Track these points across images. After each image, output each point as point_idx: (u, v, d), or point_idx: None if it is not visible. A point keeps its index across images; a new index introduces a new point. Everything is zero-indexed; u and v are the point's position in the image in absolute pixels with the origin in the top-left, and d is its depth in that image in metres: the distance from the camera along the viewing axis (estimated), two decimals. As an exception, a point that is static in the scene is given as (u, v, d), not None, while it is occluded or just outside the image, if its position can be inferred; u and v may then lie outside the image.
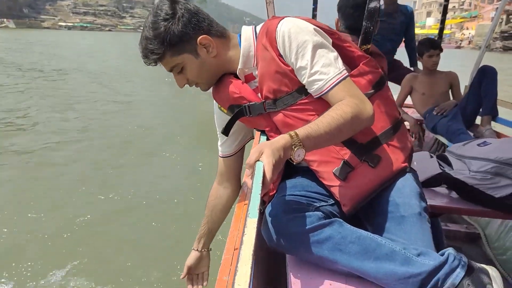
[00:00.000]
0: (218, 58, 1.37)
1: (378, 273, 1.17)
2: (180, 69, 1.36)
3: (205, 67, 1.36)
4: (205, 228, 1.73)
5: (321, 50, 1.25)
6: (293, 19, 1.29)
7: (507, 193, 1.77)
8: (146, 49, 1.30)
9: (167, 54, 1.31)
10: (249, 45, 1.37)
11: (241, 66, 1.38)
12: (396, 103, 3.67)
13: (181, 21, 1.28)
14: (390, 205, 1.33)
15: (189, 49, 1.32)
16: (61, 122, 6.97)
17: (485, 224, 2.99)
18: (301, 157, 1.08)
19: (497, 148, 1.88)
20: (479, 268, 1.18)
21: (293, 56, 1.26)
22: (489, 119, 3.24)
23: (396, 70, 4.10)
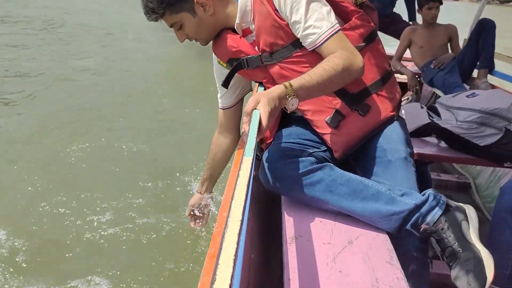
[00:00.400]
0: (215, 15, 1.44)
1: (364, 211, 1.30)
2: (179, 26, 1.45)
3: (203, 25, 1.44)
4: (208, 173, 1.89)
5: (315, 5, 1.32)
6: None
7: (491, 141, 1.88)
8: (147, 7, 1.38)
9: (167, 13, 1.39)
10: (246, 0, 1.43)
11: (239, 20, 1.44)
12: (395, 56, 3.73)
13: None
14: (378, 150, 1.44)
15: (187, 7, 1.40)
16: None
17: (476, 174, 3.11)
18: (294, 106, 1.18)
19: (483, 99, 1.97)
20: (457, 207, 1.30)
21: (288, 11, 1.32)
22: (485, 72, 3.28)
23: (395, 24, 4.11)
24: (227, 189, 1.18)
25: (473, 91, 2.13)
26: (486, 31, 3.24)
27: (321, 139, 1.49)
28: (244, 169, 0.85)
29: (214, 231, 1.03)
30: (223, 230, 0.62)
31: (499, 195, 1.59)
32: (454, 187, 3.04)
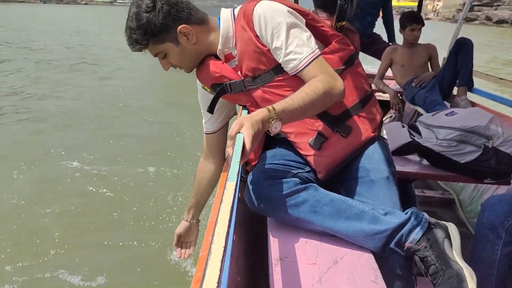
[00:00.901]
0: (198, 44, 1.46)
1: (348, 231, 1.31)
2: (163, 55, 1.46)
3: (186, 54, 1.47)
4: (194, 200, 1.86)
5: (295, 31, 1.35)
6: (268, 2, 1.38)
7: (471, 158, 1.92)
8: (131, 38, 1.39)
9: (150, 43, 1.41)
10: (227, 26, 1.46)
11: (221, 46, 1.47)
12: (377, 75, 3.81)
13: (161, 12, 1.37)
14: (360, 170, 1.47)
15: (170, 38, 1.42)
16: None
17: (459, 190, 3.16)
18: (278, 129, 1.20)
19: (462, 117, 2.02)
20: (439, 224, 1.33)
21: (269, 37, 1.35)
22: (465, 90, 3.36)
23: (376, 44, 4.21)
24: (212, 212, 1.19)
25: (452, 109, 2.19)
26: (464, 50, 3.33)
27: (304, 160, 1.51)
28: (227, 194, 0.87)
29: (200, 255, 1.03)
30: (207, 256, 0.63)
31: (480, 211, 1.62)
32: (439, 203, 3.08)
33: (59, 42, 14.14)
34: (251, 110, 1.54)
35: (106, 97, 7.22)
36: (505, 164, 1.93)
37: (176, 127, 5.72)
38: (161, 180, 3.96)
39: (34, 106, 6.46)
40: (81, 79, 9.00)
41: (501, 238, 1.53)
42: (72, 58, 11.64)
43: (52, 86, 7.93)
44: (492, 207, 1.57)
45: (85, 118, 5.92)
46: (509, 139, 1.95)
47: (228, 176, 0.98)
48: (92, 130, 5.42)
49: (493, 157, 1.93)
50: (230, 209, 0.79)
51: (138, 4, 1.37)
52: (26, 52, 11.82)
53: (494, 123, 2.00)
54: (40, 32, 15.57)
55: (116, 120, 5.97)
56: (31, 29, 16.36)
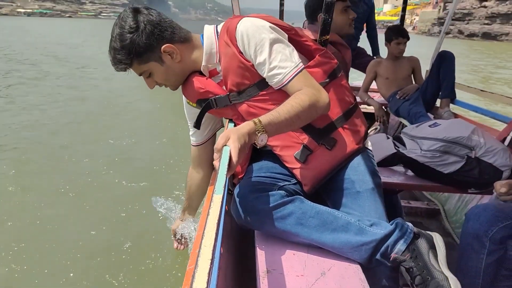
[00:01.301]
0: (182, 62, 1.48)
1: (335, 243, 1.32)
2: (148, 74, 1.49)
3: (171, 72, 1.48)
4: (186, 203, 1.97)
5: (278, 46, 1.37)
6: (250, 19, 1.40)
7: (454, 169, 1.95)
8: (115, 58, 1.40)
9: (135, 63, 1.43)
10: (211, 42, 1.47)
11: (205, 62, 1.49)
12: (362, 88, 3.85)
13: (145, 33, 1.38)
14: (346, 182, 1.49)
15: (154, 57, 1.43)
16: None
17: (444, 200, 3.20)
18: (264, 142, 1.21)
19: (445, 128, 2.06)
20: (424, 235, 1.35)
21: (252, 53, 1.37)
22: (447, 102, 3.42)
23: (360, 57, 4.27)
24: (199, 225, 1.19)
25: (435, 120, 2.22)
26: (446, 63, 3.40)
27: (291, 172, 1.52)
28: (213, 207, 0.87)
29: (188, 268, 1.03)
30: (194, 270, 0.63)
31: (464, 221, 1.64)
32: (424, 213, 3.11)
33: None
34: (238, 123, 1.55)
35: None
36: (487, 174, 1.96)
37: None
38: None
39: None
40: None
41: (486, 247, 1.55)
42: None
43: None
44: (476, 217, 1.59)
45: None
46: (491, 149, 1.99)
47: (215, 189, 0.98)
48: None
49: (476, 167, 1.96)
50: (217, 222, 0.80)
51: (121, 25, 1.38)
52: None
53: (476, 134, 2.04)
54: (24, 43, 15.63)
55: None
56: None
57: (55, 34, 31.89)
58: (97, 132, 5.74)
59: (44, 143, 5.19)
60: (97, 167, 4.29)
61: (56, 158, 4.59)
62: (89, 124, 6.15)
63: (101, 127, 6.06)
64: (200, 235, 0.87)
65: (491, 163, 1.96)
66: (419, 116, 3.23)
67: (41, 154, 4.75)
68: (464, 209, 2.93)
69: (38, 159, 4.56)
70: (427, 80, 3.53)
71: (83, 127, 6.00)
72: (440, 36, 3.80)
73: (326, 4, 1.77)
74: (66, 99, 8.01)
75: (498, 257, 1.57)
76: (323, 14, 1.82)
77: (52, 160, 4.53)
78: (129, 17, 1.39)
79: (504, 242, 1.56)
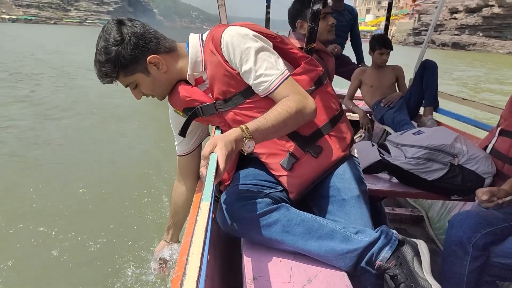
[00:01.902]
0: (168, 72, 1.47)
1: (320, 250, 1.33)
2: (134, 85, 1.48)
3: (157, 82, 1.47)
4: (171, 221, 1.84)
5: (263, 54, 1.38)
6: (235, 28, 1.41)
7: (438, 176, 1.98)
8: (101, 71, 1.40)
9: (121, 75, 1.42)
10: (196, 51, 1.47)
11: (190, 71, 1.48)
12: (347, 96, 3.90)
13: (130, 45, 1.37)
14: (332, 189, 1.49)
15: (140, 68, 1.42)
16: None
17: (427, 207, 3.24)
18: (251, 148, 1.21)
19: (429, 136, 2.09)
20: (409, 242, 1.36)
21: (237, 62, 1.37)
22: (430, 110, 3.48)
23: (344, 66, 4.32)
24: (186, 232, 1.18)
25: (419, 128, 2.26)
26: (429, 72, 3.46)
27: (277, 180, 1.52)
28: (202, 214, 0.87)
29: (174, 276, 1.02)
30: (182, 277, 0.63)
31: (448, 228, 1.67)
32: (408, 220, 3.14)
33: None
34: (224, 130, 1.55)
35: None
36: (470, 181, 1.99)
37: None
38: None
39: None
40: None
41: (469, 254, 1.57)
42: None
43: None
44: (459, 224, 1.62)
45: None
46: (473, 157, 2.03)
47: (202, 196, 0.98)
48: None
49: (459, 175, 2.00)
50: (205, 229, 0.80)
51: (105, 38, 1.37)
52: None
53: (459, 142, 2.08)
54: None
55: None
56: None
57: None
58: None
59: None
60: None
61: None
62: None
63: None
64: (187, 242, 0.87)
65: (474, 170, 2.00)
66: (403, 124, 3.27)
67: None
68: (447, 216, 2.97)
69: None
70: (411, 88, 3.58)
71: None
72: (423, 45, 3.87)
73: (312, 13, 1.80)
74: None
75: (481, 263, 1.59)
76: (309, 23, 1.84)
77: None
78: (113, 29, 1.38)
79: (486, 248, 1.59)
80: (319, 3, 1.78)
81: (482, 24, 47.23)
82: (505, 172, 2.04)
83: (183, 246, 1.14)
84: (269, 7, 4.03)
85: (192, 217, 1.26)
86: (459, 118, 3.36)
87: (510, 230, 1.59)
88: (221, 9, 2.64)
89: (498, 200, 1.60)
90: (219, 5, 2.61)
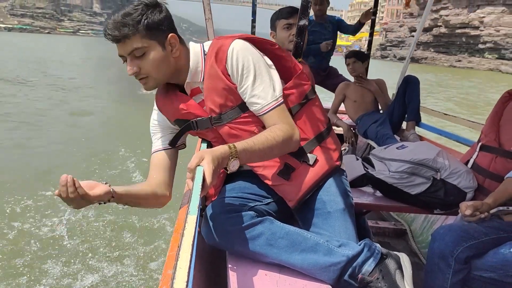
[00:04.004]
0: (177, 60, 1.43)
1: (303, 263, 1.33)
2: (141, 53, 1.35)
3: (166, 63, 1.40)
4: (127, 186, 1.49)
5: (263, 75, 1.40)
6: (242, 41, 1.42)
7: (421, 190, 2.01)
8: (122, 21, 1.30)
9: (139, 34, 1.32)
10: (197, 60, 1.46)
11: (189, 79, 1.47)
12: (331, 109, 3.94)
13: (162, 13, 1.37)
14: (318, 202, 1.51)
15: (160, 39, 1.37)
16: None
17: (410, 220, 3.27)
18: (235, 168, 1.23)
19: (412, 150, 2.12)
20: (391, 255, 1.38)
21: (239, 76, 1.39)
22: (413, 124, 3.53)
23: (331, 78, 4.37)
24: (171, 245, 1.17)
25: (403, 143, 2.29)
26: (411, 87, 3.52)
27: (265, 192, 1.53)
28: (188, 228, 0.87)
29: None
30: (169, 292, 0.62)
31: (430, 241, 1.69)
32: (392, 234, 3.16)
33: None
34: (216, 145, 1.54)
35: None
36: (452, 195, 2.03)
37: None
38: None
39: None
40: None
41: (451, 267, 1.59)
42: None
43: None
44: (442, 237, 1.64)
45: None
46: (455, 171, 2.07)
47: (189, 209, 0.98)
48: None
49: (441, 189, 2.03)
50: (192, 243, 0.79)
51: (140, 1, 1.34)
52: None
53: (441, 156, 2.11)
54: None
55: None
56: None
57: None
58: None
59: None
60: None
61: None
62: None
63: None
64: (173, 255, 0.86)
65: (456, 185, 2.03)
66: (386, 138, 3.31)
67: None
68: (430, 230, 3.00)
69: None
70: (394, 103, 3.63)
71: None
72: (405, 61, 3.94)
73: (298, 28, 1.82)
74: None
75: (463, 276, 1.61)
76: (296, 38, 1.86)
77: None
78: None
79: (468, 262, 1.61)
80: (305, 19, 1.80)
81: (433, 41, 55.07)
82: (486, 186, 2.08)
83: (168, 259, 1.12)
84: (254, 21, 4.11)
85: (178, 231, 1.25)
86: (441, 133, 3.42)
87: (491, 244, 1.61)
88: (208, 23, 2.67)
89: (480, 215, 1.63)
90: (206, 19, 2.64)
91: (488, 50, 47.03)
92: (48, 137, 6.83)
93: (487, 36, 46.88)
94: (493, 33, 46.15)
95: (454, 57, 51.31)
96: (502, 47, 45.24)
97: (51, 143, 6.41)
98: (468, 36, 49.43)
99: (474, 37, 48.55)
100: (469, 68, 46.28)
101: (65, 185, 1.20)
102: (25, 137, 6.62)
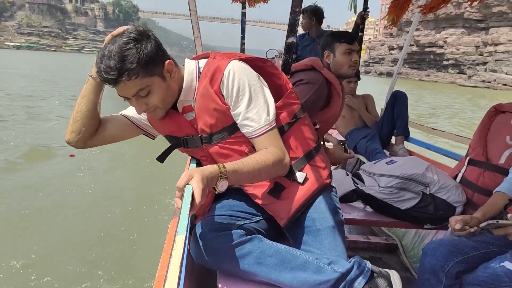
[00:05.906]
0: (177, 82, 1.43)
1: (293, 282, 1.32)
2: (146, 92, 1.35)
3: (170, 91, 1.41)
4: None
5: (258, 98, 1.40)
6: (239, 64, 1.41)
7: (411, 205, 2.02)
8: (120, 68, 1.27)
9: (140, 74, 1.30)
10: (191, 79, 1.45)
11: (182, 97, 1.46)
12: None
13: (152, 42, 1.33)
14: (307, 220, 1.50)
15: (158, 72, 1.35)
16: None
17: (401, 235, 3.26)
18: (223, 188, 1.22)
19: (401, 165, 2.13)
20: (381, 273, 1.37)
21: (233, 99, 1.39)
22: (402, 139, 3.56)
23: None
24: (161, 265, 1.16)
25: (392, 158, 2.30)
26: (399, 102, 3.57)
27: (255, 210, 1.52)
28: (176, 249, 0.85)
29: None
30: (157, 315, 0.61)
31: (421, 256, 1.68)
32: (383, 249, 3.15)
33: None
34: (204, 164, 1.54)
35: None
36: (442, 210, 2.03)
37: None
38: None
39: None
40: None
41: (442, 282, 1.59)
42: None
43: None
44: (432, 252, 1.64)
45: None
46: (444, 186, 2.08)
47: (177, 229, 0.96)
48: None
49: (431, 204, 2.04)
50: (180, 264, 0.78)
51: (128, 35, 1.30)
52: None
53: (430, 171, 2.13)
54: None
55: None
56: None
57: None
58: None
59: None
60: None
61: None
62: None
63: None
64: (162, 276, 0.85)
65: (445, 199, 2.04)
66: (376, 153, 3.33)
67: None
68: (421, 244, 2.99)
69: None
70: (382, 118, 3.67)
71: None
72: (393, 77, 4.00)
73: (287, 45, 1.83)
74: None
75: (455, 291, 1.61)
76: (284, 55, 1.87)
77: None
78: (134, 30, 1.31)
79: (459, 276, 1.61)
80: (293, 36, 1.82)
81: (407, 58, 60.10)
82: (475, 200, 2.09)
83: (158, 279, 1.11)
84: (243, 38, 4.18)
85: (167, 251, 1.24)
86: (430, 147, 3.45)
87: (481, 258, 1.62)
88: (197, 41, 2.70)
89: (470, 229, 1.63)
90: (195, 37, 2.67)
91: (451, 66, 56.82)
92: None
93: (449, 54, 56.62)
94: (454, 51, 55.97)
95: (424, 72, 60.81)
96: (461, 63, 54.57)
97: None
98: (435, 54, 59.10)
99: (440, 54, 58.29)
100: (435, 82, 56.24)
101: None
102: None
